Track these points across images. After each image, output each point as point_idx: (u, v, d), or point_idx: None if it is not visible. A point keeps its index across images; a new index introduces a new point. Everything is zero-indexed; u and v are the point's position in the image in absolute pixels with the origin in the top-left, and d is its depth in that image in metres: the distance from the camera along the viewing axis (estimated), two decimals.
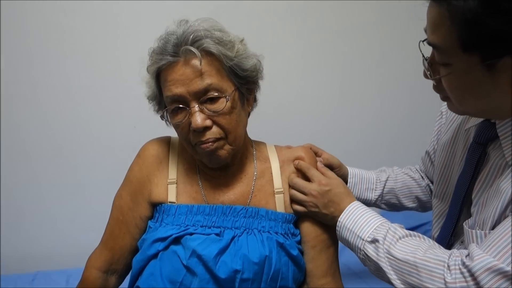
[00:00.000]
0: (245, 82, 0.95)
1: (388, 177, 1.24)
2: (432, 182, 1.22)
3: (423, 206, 1.27)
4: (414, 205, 1.26)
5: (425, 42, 0.80)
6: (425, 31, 0.79)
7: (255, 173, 1.03)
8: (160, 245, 0.96)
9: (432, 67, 0.80)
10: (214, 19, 0.96)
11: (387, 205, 1.27)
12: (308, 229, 1.02)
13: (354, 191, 1.21)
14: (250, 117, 1.07)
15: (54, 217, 1.69)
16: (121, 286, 1.08)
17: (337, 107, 1.91)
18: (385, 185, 1.23)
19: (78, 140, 1.67)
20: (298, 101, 1.85)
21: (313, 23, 1.80)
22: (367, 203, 1.24)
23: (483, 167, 0.88)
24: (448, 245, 0.97)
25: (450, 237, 0.96)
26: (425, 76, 0.84)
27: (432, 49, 0.79)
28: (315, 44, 1.83)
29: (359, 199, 1.22)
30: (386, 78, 1.94)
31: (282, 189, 1.02)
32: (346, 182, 1.21)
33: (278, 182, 1.02)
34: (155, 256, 0.97)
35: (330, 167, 1.16)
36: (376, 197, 1.23)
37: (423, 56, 0.82)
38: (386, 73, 1.93)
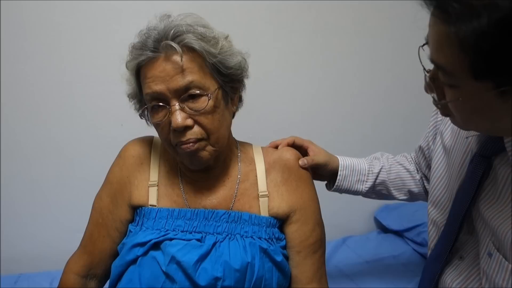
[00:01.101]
0: (229, 81, 0.92)
1: (381, 168, 1.19)
2: (425, 176, 1.18)
3: (414, 198, 1.23)
4: (405, 197, 1.22)
5: (424, 47, 0.72)
6: (426, 40, 0.70)
7: (239, 176, 1.00)
8: (139, 250, 0.93)
9: (435, 84, 0.73)
10: (198, 15, 0.92)
11: (377, 195, 1.23)
12: (293, 234, 0.98)
13: (344, 183, 1.17)
14: (238, 117, 1.04)
15: (38, 218, 1.65)
16: None
17: (330, 106, 1.88)
18: (377, 177, 1.19)
19: (62, 139, 1.63)
20: (289, 100, 1.81)
21: (305, 19, 1.77)
22: (357, 194, 1.20)
23: (489, 181, 0.82)
24: (446, 261, 0.93)
25: (448, 253, 0.92)
26: (426, 91, 0.76)
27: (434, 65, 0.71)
28: (307, 41, 1.80)
29: (349, 191, 1.18)
30: (381, 75, 1.91)
31: (266, 192, 0.98)
32: (336, 174, 1.17)
33: (262, 185, 0.99)
34: (134, 261, 0.94)
35: (316, 167, 1.12)
36: (367, 188, 1.19)
37: (424, 68, 0.74)
38: (381, 71, 1.90)
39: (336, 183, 1.18)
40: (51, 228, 1.65)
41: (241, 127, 1.13)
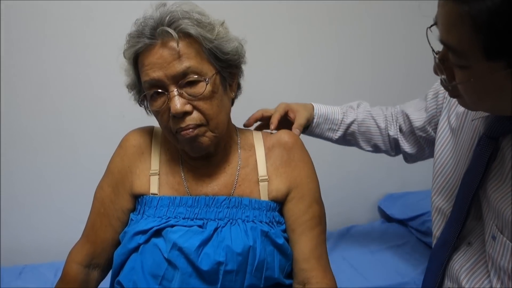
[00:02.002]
0: (226, 66, 0.92)
1: (353, 120, 1.21)
2: (400, 136, 1.21)
3: (378, 152, 1.27)
4: (371, 149, 1.26)
5: (431, 29, 0.71)
6: (435, 21, 0.69)
7: (239, 162, 1.00)
8: (141, 238, 0.93)
9: (445, 65, 0.72)
10: (194, 3, 0.92)
11: (346, 143, 1.27)
12: (288, 213, 0.99)
13: (316, 130, 1.20)
14: (239, 106, 1.04)
15: (42, 210, 1.65)
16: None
17: (333, 95, 1.86)
18: (348, 127, 1.21)
19: (64, 130, 1.63)
20: (292, 88, 1.80)
21: (307, 6, 1.75)
22: (328, 140, 1.24)
23: (496, 163, 0.81)
24: (453, 248, 0.92)
25: (456, 239, 0.91)
26: (436, 73, 0.75)
27: (444, 46, 0.70)
28: (310, 29, 1.78)
29: (320, 136, 1.22)
30: (385, 64, 1.89)
31: (266, 177, 0.98)
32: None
33: (262, 169, 0.99)
34: (136, 249, 0.94)
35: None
36: (337, 137, 1.23)
37: (433, 50, 0.73)
38: (385, 59, 1.88)
39: (308, 128, 1.22)
40: (55, 219, 1.66)
41: (242, 115, 1.13)
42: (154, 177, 0.98)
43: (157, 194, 0.97)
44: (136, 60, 0.90)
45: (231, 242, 0.90)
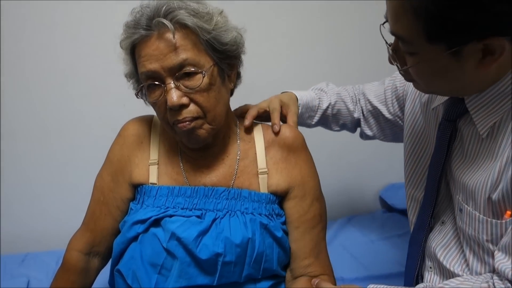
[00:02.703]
0: (224, 57, 0.90)
1: (328, 105, 1.23)
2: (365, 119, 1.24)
3: (342, 130, 1.31)
4: (338, 129, 1.30)
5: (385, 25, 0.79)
6: (386, 18, 0.78)
7: (239, 154, 0.99)
8: (140, 227, 0.93)
9: (397, 54, 0.81)
10: None
11: (318, 125, 1.29)
12: (291, 210, 0.98)
13: (299, 120, 1.19)
14: (240, 97, 1.03)
15: (44, 198, 1.66)
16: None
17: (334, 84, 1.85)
18: (323, 112, 1.23)
19: (65, 119, 1.62)
20: (293, 78, 1.78)
21: None
22: (305, 126, 1.25)
23: (456, 143, 0.89)
24: (428, 228, 0.97)
25: (429, 219, 0.96)
26: (390, 62, 0.84)
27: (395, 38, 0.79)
28: (311, 18, 1.76)
29: (301, 124, 1.22)
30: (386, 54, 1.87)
31: (266, 170, 0.98)
32: None
33: (262, 162, 0.98)
34: (135, 238, 0.95)
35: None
36: (314, 123, 1.24)
37: (386, 42, 0.82)
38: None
39: None
40: (56, 207, 1.66)
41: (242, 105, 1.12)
42: (153, 166, 0.98)
43: (156, 184, 0.97)
44: (133, 50, 0.89)
45: (230, 234, 0.90)
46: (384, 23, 0.79)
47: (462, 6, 0.65)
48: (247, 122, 1.02)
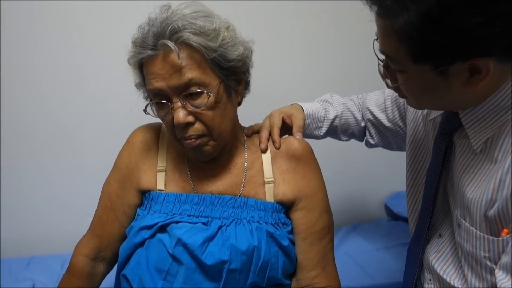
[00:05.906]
0: (231, 73, 0.90)
1: (336, 116, 1.24)
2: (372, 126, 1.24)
3: (351, 139, 1.31)
4: (346, 139, 1.30)
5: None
6: (376, 35, 0.79)
7: (246, 164, 1.00)
8: (146, 233, 0.94)
9: (389, 70, 0.82)
10: (201, 3, 0.90)
11: (327, 136, 1.29)
12: (299, 221, 0.98)
13: (306, 131, 1.20)
14: (247, 104, 1.03)
15: (49, 202, 1.67)
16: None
17: (343, 93, 1.85)
18: (331, 123, 1.23)
19: (73, 123, 1.63)
20: (300, 85, 1.79)
21: (317, 2, 1.73)
22: (313, 138, 1.24)
23: (453, 156, 0.88)
24: (425, 239, 0.97)
25: (426, 230, 0.96)
26: (382, 78, 0.86)
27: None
28: (319, 24, 1.77)
29: (308, 136, 1.22)
30: None
31: (272, 179, 0.99)
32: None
33: (268, 171, 0.99)
34: (141, 244, 0.95)
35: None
36: (322, 134, 1.24)
37: (378, 59, 0.83)
38: None
39: None
40: (62, 212, 1.67)
41: (249, 113, 1.12)
42: (161, 173, 0.99)
43: (163, 190, 0.98)
44: (141, 65, 0.90)
45: (236, 241, 0.91)
46: (376, 39, 0.80)
47: (441, 31, 0.66)
48: (263, 146, 1.01)
